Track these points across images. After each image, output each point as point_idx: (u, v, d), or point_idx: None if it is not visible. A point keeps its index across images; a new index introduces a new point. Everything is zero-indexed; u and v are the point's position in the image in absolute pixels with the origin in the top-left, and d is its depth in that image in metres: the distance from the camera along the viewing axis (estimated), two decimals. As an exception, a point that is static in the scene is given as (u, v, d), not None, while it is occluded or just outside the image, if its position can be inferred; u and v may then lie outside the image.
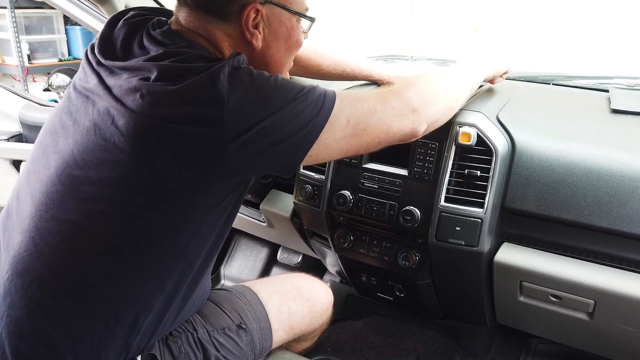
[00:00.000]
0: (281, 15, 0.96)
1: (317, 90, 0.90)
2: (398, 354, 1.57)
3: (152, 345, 0.95)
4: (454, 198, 1.19)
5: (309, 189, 1.37)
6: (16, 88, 4.32)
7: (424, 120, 1.00)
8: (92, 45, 0.97)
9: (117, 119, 0.84)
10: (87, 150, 0.86)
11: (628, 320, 1.13)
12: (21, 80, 4.49)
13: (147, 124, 0.82)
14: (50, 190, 0.87)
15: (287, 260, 2.14)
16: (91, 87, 0.90)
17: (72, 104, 0.93)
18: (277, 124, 0.84)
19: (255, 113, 0.83)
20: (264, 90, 0.85)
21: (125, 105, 0.84)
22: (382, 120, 0.95)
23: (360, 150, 0.98)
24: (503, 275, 1.22)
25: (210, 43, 0.94)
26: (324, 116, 0.88)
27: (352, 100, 0.94)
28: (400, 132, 0.98)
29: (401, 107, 0.97)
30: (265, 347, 1.12)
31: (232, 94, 0.81)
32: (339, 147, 0.93)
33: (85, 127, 0.87)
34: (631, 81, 1.52)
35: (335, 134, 0.90)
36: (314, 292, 1.25)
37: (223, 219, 0.96)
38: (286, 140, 0.86)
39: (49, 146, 0.92)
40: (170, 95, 0.82)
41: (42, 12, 4.52)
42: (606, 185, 1.07)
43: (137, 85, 0.84)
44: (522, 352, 1.61)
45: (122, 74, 0.87)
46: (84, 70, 0.95)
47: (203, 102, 0.81)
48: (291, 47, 1.01)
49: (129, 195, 0.84)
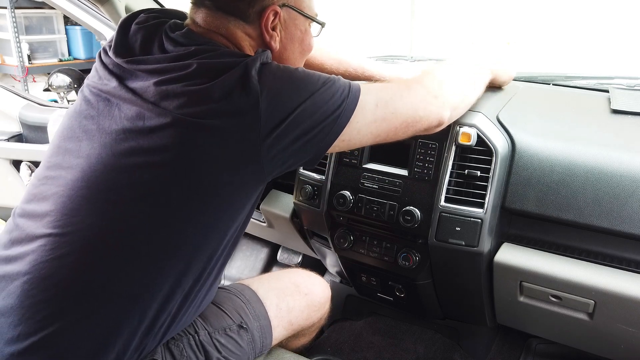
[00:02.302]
0: (296, 19, 1.00)
1: (341, 79, 0.94)
2: (398, 354, 1.57)
3: (154, 350, 0.95)
4: (454, 198, 1.19)
5: (309, 189, 1.37)
6: (16, 88, 4.32)
7: (448, 106, 1.04)
8: (105, 49, 0.98)
9: (149, 121, 0.85)
10: (118, 155, 0.86)
11: (628, 320, 1.13)
12: (21, 80, 4.48)
13: (183, 122, 0.83)
14: (76, 195, 0.87)
15: (287, 260, 2.14)
16: (111, 90, 0.91)
17: (92, 108, 0.93)
18: (310, 110, 0.87)
19: (289, 101, 0.86)
20: (293, 79, 0.89)
21: (160, 107, 0.85)
22: (409, 105, 0.99)
23: (389, 136, 1.00)
24: (503, 275, 1.22)
25: (230, 42, 0.96)
26: (352, 100, 0.92)
27: (378, 87, 0.99)
28: (427, 118, 1.02)
29: (424, 93, 1.01)
30: (266, 345, 1.13)
31: (265, 86, 0.84)
32: (369, 131, 0.96)
33: (113, 130, 0.88)
34: (631, 81, 1.52)
35: (366, 117, 0.94)
36: (311, 286, 1.25)
37: (244, 219, 0.98)
38: (319, 125, 0.88)
39: (71, 151, 0.92)
40: (206, 92, 0.84)
41: (42, 12, 4.51)
42: (606, 186, 1.07)
43: (169, 86, 0.85)
44: (522, 352, 1.61)
45: (149, 77, 0.88)
46: (97, 74, 0.96)
47: (238, 95, 0.83)
48: (304, 50, 1.05)
49: (160, 199, 0.85)
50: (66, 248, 0.85)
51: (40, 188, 0.93)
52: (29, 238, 0.89)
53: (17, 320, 0.83)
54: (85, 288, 0.85)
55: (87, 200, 0.86)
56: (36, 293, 0.84)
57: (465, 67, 1.16)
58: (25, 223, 0.91)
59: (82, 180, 0.87)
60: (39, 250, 0.86)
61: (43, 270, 0.85)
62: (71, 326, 0.84)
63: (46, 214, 0.88)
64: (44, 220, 0.88)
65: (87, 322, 0.85)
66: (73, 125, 0.94)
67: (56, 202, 0.88)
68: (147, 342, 0.91)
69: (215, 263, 0.97)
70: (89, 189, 0.87)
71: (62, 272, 0.85)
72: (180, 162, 0.84)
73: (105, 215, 0.86)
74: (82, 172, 0.88)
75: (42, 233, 0.87)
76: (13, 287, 0.85)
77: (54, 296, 0.84)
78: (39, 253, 0.86)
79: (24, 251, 0.88)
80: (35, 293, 0.84)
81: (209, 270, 0.96)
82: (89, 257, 0.85)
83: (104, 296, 0.85)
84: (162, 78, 0.87)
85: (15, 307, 0.84)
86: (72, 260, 0.85)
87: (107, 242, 0.86)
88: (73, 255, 0.85)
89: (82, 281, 0.85)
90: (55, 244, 0.85)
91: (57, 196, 0.89)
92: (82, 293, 0.85)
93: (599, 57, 3.91)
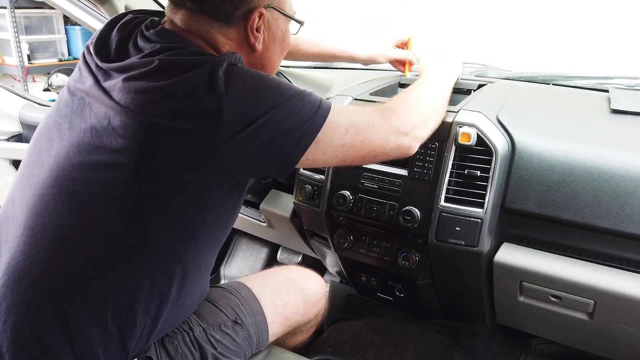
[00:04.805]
0: (278, 19, 0.99)
1: (313, 94, 0.91)
2: (398, 354, 1.57)
3: (148, 348, 0.95)
4: (454, 198, 1.19)
5: (309, 189, 1.37)
6: (16, 88, 4.31)
7: (419, 139, 1.05)
8: (88, 47, 0.96)
9: (113, 120, 0.83)
10: (84, 153, 0.85)
11: (628, 320, 1.13)
12: (21, 80, 4.48)
13: (143, 122, 0.81)
14: (45, 194, 0.87)
15: (287, 260, 2.14)
16: (86, 89, 0.90)
17: (67, 107, 0.92)
18: (276, 120, 0.85)
19: (255, 108, 0.83)
20: (263, 86, 0.86)
21: (121, 105, 0.83)
22: (380, 135, 0.97)
23: (355, 162, 0.98)
24: (503, 275, 1.22)
25: (209, 45, 0.94)
26: (321, 117, 0.89)
27: (351, 111, 0.97)
28: (396, 151, 1.01)
29: (398, 126, 1.00)
30: (262, 341, 1.13)
31: (231, 88, 0.82)
32: (335, 154, 0.93)
33: (81, 129, 0.87)
34: (631, 81, 1.52)
35: (334, 140, 0.91)
36: (307, 282, 1.26)
37: (220, 223, 0.96)
38: (284, 137, 0.86)
39: (44, 149, 0.91)
40: (166, 90, 0.81)
41: (42, 12, 4.52)
42: (606, 186, 1.07)
43: (132, 83, 0.83)
44: (522, 352, 1.61)
45: (119, 75, 0.87)
46: (80, 72, 0.95)
47: (201, 95, 0.81)
48: (284, 49, 1.05)
49: (125, 199, 0.84)
50: (36, 248, 0.85)
51: (16, 188, 0.93)
52: (7, 239, 0.89)
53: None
54: (59, 289, 0.84)
55: (55, 200, 0.86)
56: (13, 295, 0.84)
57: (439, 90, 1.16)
58: (5, 225, 0.92)
59: (51, 180, 0.87)
60: (12, 252, 0.86)
61: (16, 271, 0.85)
62: (49, 327, 0.84)
63: (19, 214, 0.89)
64: (17, 221, 0.89)
65: (65, 322, 0.84)
66: (49, 123, 0.94)
67: (28, 202, 0.88)
68: (130, 344, 0.89)
69: (194, 263, 0.94)
70: (58, 187, 0.86)
71: (34, 272, 0.84)
72: (142, 163, 0.82)
73: (74, 215, 0.85)
74: (51, 172, 0.87)
75: (16, 234, 0.87)
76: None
77: (31, 297, 0.84)
78: (13, 254, 0.86)
79: (2, 253, 0.89)
80: (12, 295, 0.84)
81: (188, 271, 0.93)
82: (61, 258, 0.84)
83: (77, 297, 0.85)
84: (128, 75, 0.85)
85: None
86: (42, 260, 0.84)
87: (76, 243, 0.85)
88: (42, 255, 0.84)
89: (55, 282, 0.84)
90: (27, 245, 0.85)
91: (29, 196, 0.89)
92: (56, 294, 0.84)
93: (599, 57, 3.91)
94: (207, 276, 1.06)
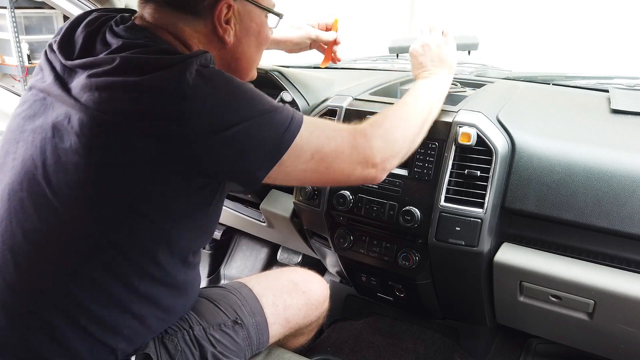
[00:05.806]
0: (252, 11, 0.96)
1: (285, 111, 0.87)
2: (398, 354, 1.57)
3: (147, 345, 0.94)
4: (454, 198, 1.19)
5: (309, 189, 1.37)
6: (16, 88, 4.32)
7: (388, 169, 0.98)
8: (51, 45, 0.94)
9: (72, 119, 0.81)
10: (46, 154, 0.83)
11: (628, 320, 1.13)
12: (21, 80, 4.48)
13: (101, 121, 0.79)
14: (12, 199, 0.85)
15: (287, 260, 2.14)
16: (47, 88, 0.88)
17: (30, 108, 0.90)
18: (247, 133, 0.81)
19: (226, 117, 0.80)
20: (237, 95, 0.83)
21: (81, 103, 0.81)
22: (346, 164, 0.92)
23: (317, 185, 0.97)
24: (503, 275, 1.22)
25: (177, 39, 0.91)
26: (288, 138, 0.85)
27: (322, 134, 0.91)
28: (361, 180, 0.96)
29: (368, 155, 0.93)
30: (263, 342, 1.12)
31: (200, 92, 0.79)
32: (297, 177, 0.91)
33: (44, 130, 0.85)
34: (631, 81, 1.52)
35: (298, 164, 0.88)
36: (309, 284, 1.25)
37: (197, 229, 0.94)
38: (254, 151, 0.83)
39: (10, 153, 0.90)
40: (129, 88, 0.79)
41: (42, 12, 4.52)
42: (606, 186, 1.07)
43: (94, 80, 0.81)
44: (522, 352, 1.61)
45: (82, 72, 0.84)
46: (41, 70, 0.93)
47: (166, 97, 0.78)
48: (261, 43, 1.01)
49: (88, 200, 0.82)
50: (12, 255, 0.84)
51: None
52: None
53: None
54: (39, 293, 0.84)
55: (23, 204, 0.84)
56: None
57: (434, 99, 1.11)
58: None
59: (17, 183, 0.85)
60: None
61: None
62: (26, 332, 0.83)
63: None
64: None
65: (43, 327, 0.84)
66: (13, 126, 0.92)
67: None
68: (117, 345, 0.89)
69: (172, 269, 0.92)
70: (24, 191, 0.84)
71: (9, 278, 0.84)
72: (102, 165, 0.80)
73: (43, 220, 0.83)
74: (17, 175, 0.86)
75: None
76: None
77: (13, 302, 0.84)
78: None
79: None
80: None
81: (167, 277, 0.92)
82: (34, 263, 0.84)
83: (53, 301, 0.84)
84: (91, 72, 0.82)
85: None
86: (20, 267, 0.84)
87: (48, 247, 0.83)
88: (20, 261, 0.84)
89: (35, 287, 0.84)
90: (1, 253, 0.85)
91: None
92: (37, 298, 0.84)
93: (599, 57, 3.91)
94: (195, 276, 1.04)
